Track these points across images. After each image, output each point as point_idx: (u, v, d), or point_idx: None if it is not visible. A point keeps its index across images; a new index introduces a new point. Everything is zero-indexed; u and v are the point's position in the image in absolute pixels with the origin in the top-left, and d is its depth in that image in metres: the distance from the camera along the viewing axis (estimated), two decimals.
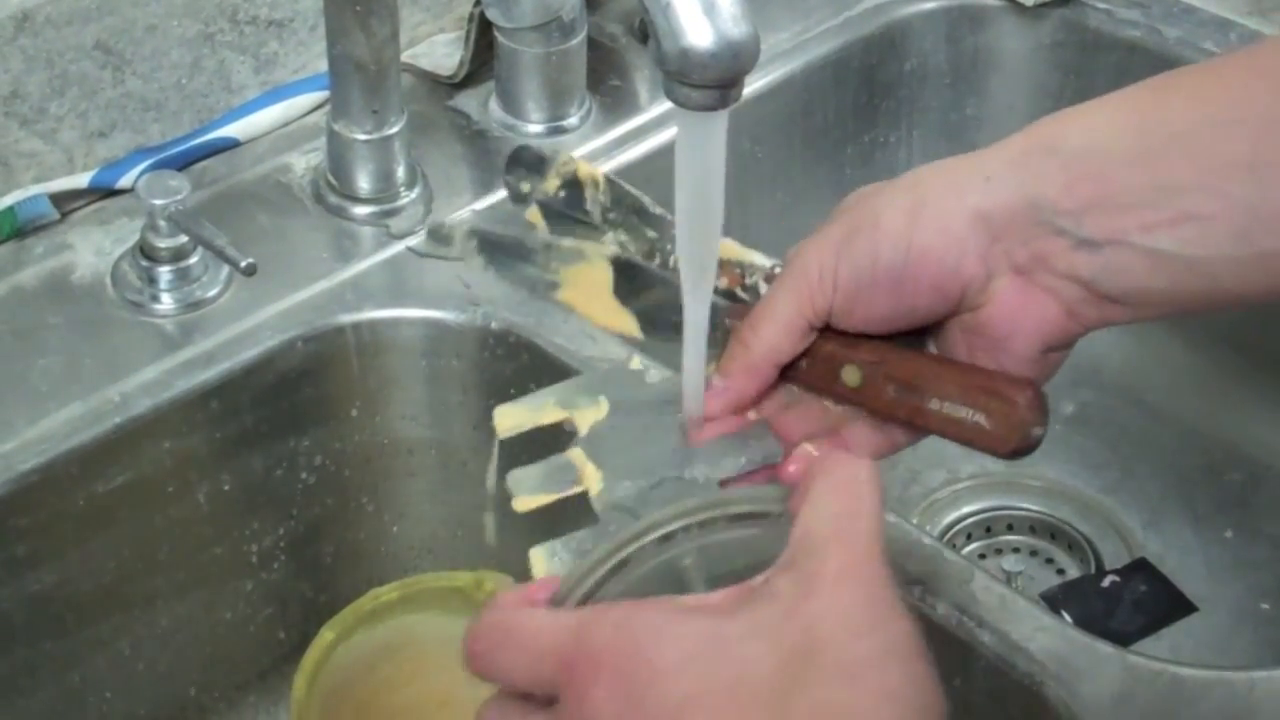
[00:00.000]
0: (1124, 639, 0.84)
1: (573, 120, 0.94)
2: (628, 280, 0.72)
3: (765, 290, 0.65)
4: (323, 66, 0.91)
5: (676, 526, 0.53)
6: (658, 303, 0.71)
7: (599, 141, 0.93)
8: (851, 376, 0.62)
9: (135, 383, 0.77)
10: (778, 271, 0.65)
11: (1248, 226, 0.56)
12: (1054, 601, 0.91)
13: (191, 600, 0.82)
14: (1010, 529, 1.01)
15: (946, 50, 1.07)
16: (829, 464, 0.52)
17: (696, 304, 0.61)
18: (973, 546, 1.00)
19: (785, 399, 0.64)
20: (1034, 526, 1.01)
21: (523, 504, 0.62)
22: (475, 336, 0.82)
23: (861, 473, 0.51)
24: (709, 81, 0.55)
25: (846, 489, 0.51)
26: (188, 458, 0.79)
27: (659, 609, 0.49)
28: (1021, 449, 0.59)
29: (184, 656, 0.84)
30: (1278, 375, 1.03)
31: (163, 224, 0.80)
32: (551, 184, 0.73)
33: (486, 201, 0.88)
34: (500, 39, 0.92)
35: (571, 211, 0.73)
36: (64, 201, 0.86)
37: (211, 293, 0.82)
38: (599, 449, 0.63)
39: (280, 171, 0.90)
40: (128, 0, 0.85)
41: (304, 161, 0.90)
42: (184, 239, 0.80)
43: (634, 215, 0.72)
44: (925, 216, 0.59)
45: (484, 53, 0.95)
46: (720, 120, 0.57)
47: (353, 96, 0.84)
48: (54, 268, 0.83)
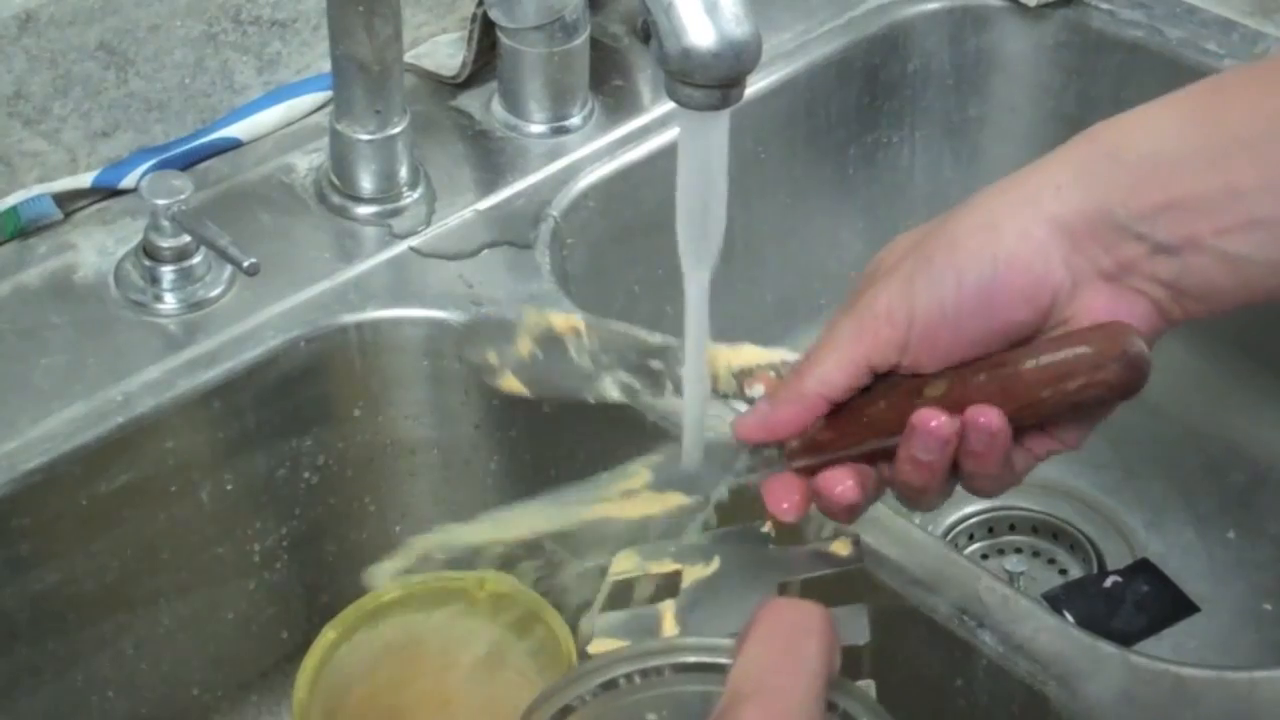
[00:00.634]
0: (1126, 639, 0.84)
1: (575, 120, 0.94)
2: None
3: None
4: (326, 67, 0.91)
5: (618, 673, 0.53)
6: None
7: (601, 142, 0.93)
8: (935, 389, 0.59)
9: (138, 382, 0.77)
10: None
11: None
12: (1056, 602, 0.91)
13: (194, 600, 0.82)
14: (1012, 529, 1.01)
15: (949, 51, 1.07)
16: (771, 611, 0.51)
17: (697, 305, 0.61)
18: (975, 547, 1.00)
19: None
20: (1036, 527, 1.01)
21: (597, 646, 0.61)
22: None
23: (805, 621, 0.50)
24: (711, 81, 0.55)
25: (783, 639, 0.50)
26: (190, 457, 0.79)
27: None
28: (1135, 363, 0.57)
29: (186, 656, 0.84)
30: None
31: (166, 224, 0.80)
32: (523, 347, 0.70)
33: (489, 202, 0.89)
34: (503, 39, 0.92)
35: (554, 370, 0.68)
36: (67, 201, 0.86)
37: (214, 292, 0.82)
38: (689, 606, 0.63)
39: (283, 171, 0.90)
40: (131, 0, 0.85)
41: (307, 161, 0.90)
42: (187, 239, 0.81)
43: (631, 352, 0.69)
44: (1005, 229, 0.58)
45: (487, 53, 0.95)
46: (722, 120, 0.57)
47: (356, 96, 0.84)
48: (57, 268, 0.83)
